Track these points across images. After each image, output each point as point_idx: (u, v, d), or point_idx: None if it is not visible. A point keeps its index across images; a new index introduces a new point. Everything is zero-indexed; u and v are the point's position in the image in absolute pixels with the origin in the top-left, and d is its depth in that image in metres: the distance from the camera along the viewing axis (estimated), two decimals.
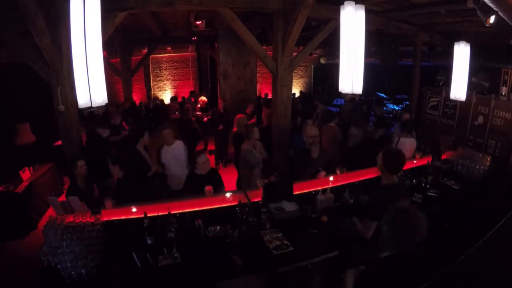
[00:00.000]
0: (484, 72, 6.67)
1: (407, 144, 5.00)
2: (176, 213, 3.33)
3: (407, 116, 6.39)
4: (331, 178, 4.13)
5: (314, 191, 3.85)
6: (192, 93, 11.76)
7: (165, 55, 12.56)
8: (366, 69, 3.30)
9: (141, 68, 11.44)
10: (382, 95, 12.07)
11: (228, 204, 3.62)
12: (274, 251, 2.89)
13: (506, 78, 6.06)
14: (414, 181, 4.17)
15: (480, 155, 4.81)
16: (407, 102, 9.45)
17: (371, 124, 7.52)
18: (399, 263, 2.07)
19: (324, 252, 2.92)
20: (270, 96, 10.99)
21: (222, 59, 8.67)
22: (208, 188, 3.60)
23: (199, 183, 3.75)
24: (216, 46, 9.62)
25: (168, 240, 2.91)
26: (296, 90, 13.85)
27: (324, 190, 3.72)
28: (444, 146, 5.16)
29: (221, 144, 7.47)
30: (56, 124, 4.40)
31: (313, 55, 13.14)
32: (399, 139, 5.01)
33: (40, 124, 6.77)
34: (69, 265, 2.58)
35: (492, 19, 3.50)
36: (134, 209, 3.42)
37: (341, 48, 3.33)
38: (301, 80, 14.89)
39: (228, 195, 3.68)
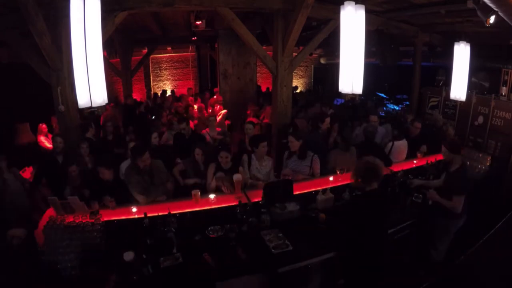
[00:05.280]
0: (484, 72, 6.68)
1: (402, 146, 4.98)
2: (176, 213, 3.33)
3: (409, 117, 6.33)
4: (331, 178, 4.13)
5: (314, 191, 3.85)
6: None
7: (165, 55, 12.55)
8: (366, 69, 3.30)
9: (141, 68, 11.42)
10: (382, 95, 12.07)
11: (229, 204, 3.62)
12: (273, 250, 2.90)
13: (506, 78, 6.07)
14: None
15: (480, 155, 4.82)
16: (407, 102, 9.45)
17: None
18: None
19: (324, 252, 2.92)
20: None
21: (222, 59, 8.67)
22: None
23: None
24: (216, 46, 9.62)
25: (168, 240, 2.91)
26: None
27: (324, 190, 3.72)
28: None
29: None
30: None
31: (313, 55, 13.13)
32: (393, 144, 4.93)
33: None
34: (69, 265, 2.58)
35: (492, 19, 3.51)
36: (134, 209, 3.42)
37: (341, 48, 3.34)
38: (301, 80, 14.88)
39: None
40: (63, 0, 2.97)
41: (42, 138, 6.25)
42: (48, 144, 6.04)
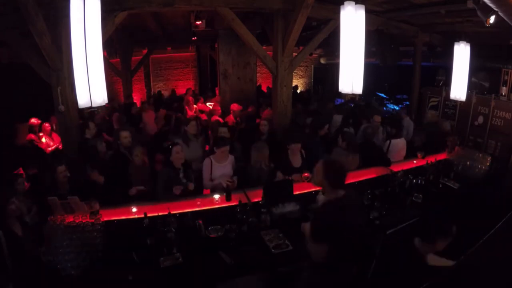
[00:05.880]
0: (484, 72, 6.68)
1: (400, 144, 4.97)
2: (176, 213, 3.33)
3: (403, 115, 6.38)
4: None
5: (314, 191, 3.85)
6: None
7: (165, 55, 12.55)
8: (366, 69, 3.30)
9: (141, 68, 11.44)
10: (382, 95, 12.07)
11: (229, 204, 3.62)
12: (273, 250, 2.90)
13: (506, 78, 6.07)
14: (414, 181, 4.18)
15: (480, 155, 4.81)
16: (407, 102, 9.45)
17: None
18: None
19: None
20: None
21: (222, 59, 8.66)
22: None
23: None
24: (216, 46, 9.62)
25: (168, 240, 2.91)
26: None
27: None
28: (451, 147, 5.12)
29: None
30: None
31: (313, 55, 13.13)
32: (390, 142, 4.93)
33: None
34: (69, 265, 2.58)
35: (492, 19, 3.51)
36: (134, 209, 3.42)
37: (341, 48, 3.34)
38: (301, 80, 14.88)
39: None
40: (63, 0, 2.97)
41: (44, 139, 6.22)
42: (44, 140, 6.01)
